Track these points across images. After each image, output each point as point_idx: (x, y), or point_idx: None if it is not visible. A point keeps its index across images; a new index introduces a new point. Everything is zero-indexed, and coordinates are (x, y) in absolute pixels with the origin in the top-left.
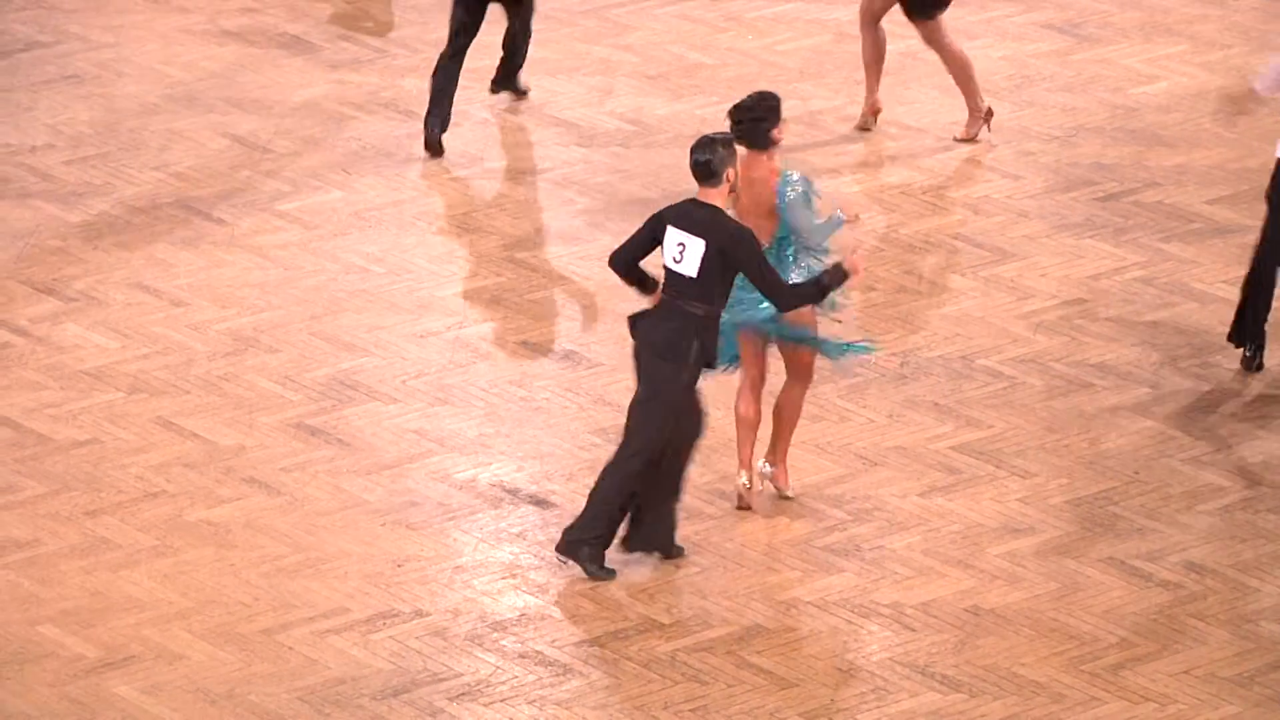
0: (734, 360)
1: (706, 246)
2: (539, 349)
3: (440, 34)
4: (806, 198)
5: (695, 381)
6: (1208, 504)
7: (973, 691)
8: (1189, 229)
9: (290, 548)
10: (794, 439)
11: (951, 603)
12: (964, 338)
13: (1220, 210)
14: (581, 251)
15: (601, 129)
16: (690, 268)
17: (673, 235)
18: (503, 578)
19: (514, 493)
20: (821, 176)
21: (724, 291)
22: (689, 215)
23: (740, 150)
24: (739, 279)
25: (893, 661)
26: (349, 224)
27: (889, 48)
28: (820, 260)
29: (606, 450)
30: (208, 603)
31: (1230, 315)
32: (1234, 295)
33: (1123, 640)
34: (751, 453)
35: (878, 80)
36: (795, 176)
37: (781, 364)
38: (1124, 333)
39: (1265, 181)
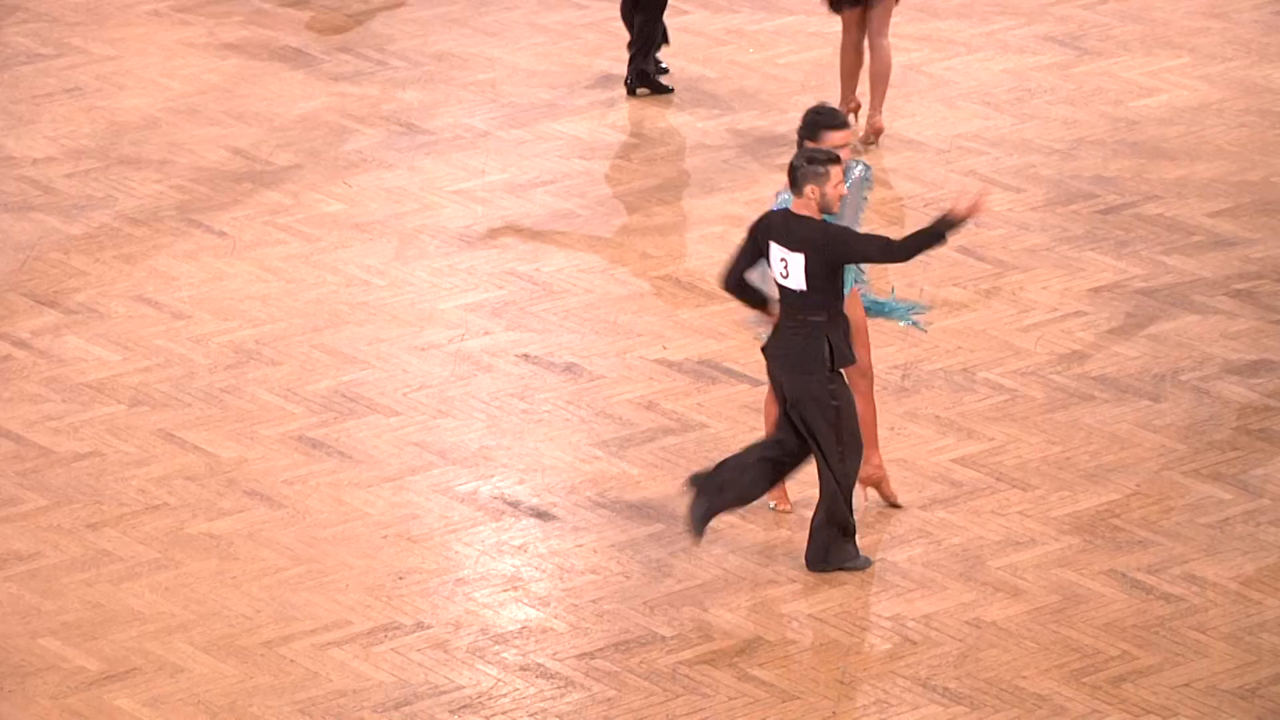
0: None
1: (806, 260)
2: (540, 362)
3: (439, 47)
4: (866, 183)
5: (847, 391)
6: (1209, 516)
7: (974, 704)
8: (1190, 241)
9: (291, 560)
10: None
11: (953, 615)
12: (965, 350)
13: (1221, 223)
14: (583, 264)
15: (603, 141)
16: (797, 282)
17: (775, 251)
18: (504, 590)
19: (515, 505)
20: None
21: (838, 291)
22: (787, 230)
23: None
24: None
25: (894, 674)
26: (350, 236)
27: (893, 61)
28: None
29: (608, 462)
30: (209, 615)
31: (1234, 326)
32: (1236, 308)
33: (1124, 653)
34: None
35: (881, 97)
36: (860, 164)
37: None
38: (1125, 345)
39: (1266, 194)
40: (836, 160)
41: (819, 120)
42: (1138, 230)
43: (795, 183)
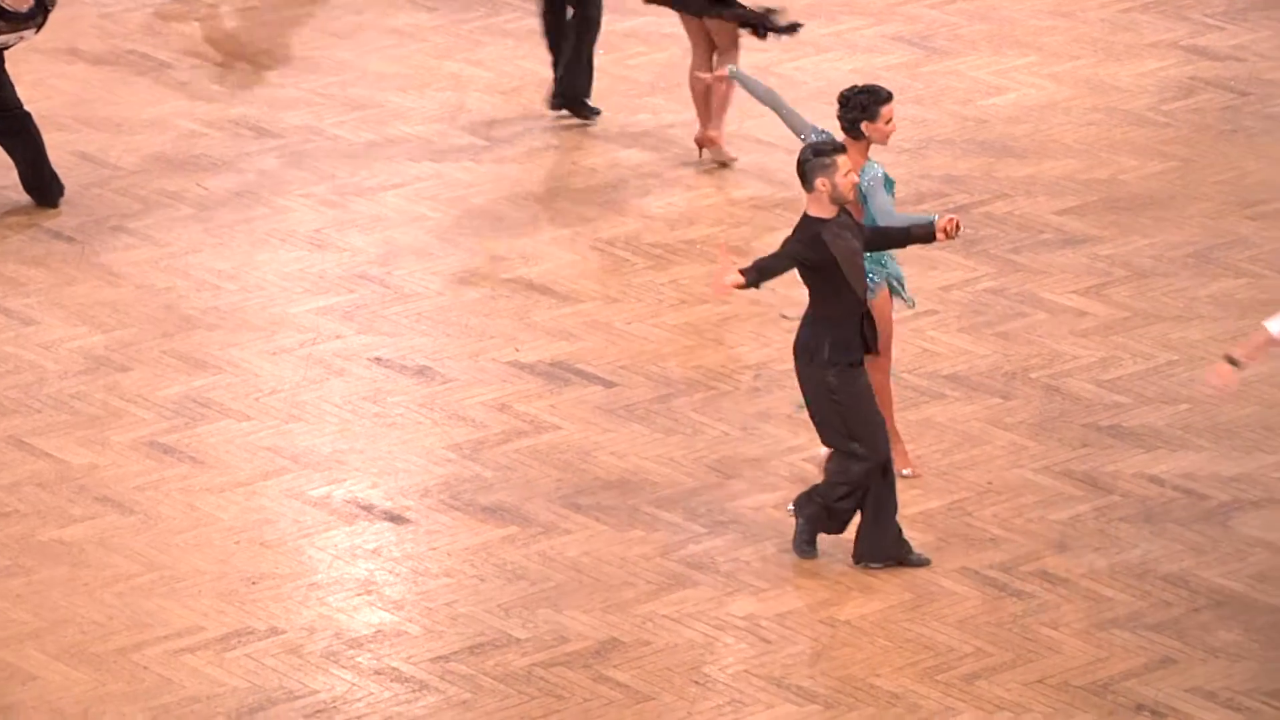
0: None
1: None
2: (392, 365)
3: (288, 50)
4: (887, 181)
5: (851, 384)
6: (1060, 513)
7: (828, 703)
8: (1039, 240)
9: (144, 566)
10: (648, 451)
11: (807, 614)
12: None
13: (1070, 221)
14: (434, 267)
15: (454, 144)
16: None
17: None
18: (358, 594)
19: (368, 509)
20: (672, 188)
21: (830, 291)
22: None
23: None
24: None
25: (749, 674)
26: (200, 241)
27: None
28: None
29: (461, 465)
30: (61, 622)
31: (1082, 324)
32: (1085, 305)
33: (978, 650)
34: None
35: (706, 112)
36: (877, 167)
37: None
38: (975, 344)
39: (1114, 192)
40: (842, 149)
41: (872, 98)
42: (987, 229)
43: (805, 178)
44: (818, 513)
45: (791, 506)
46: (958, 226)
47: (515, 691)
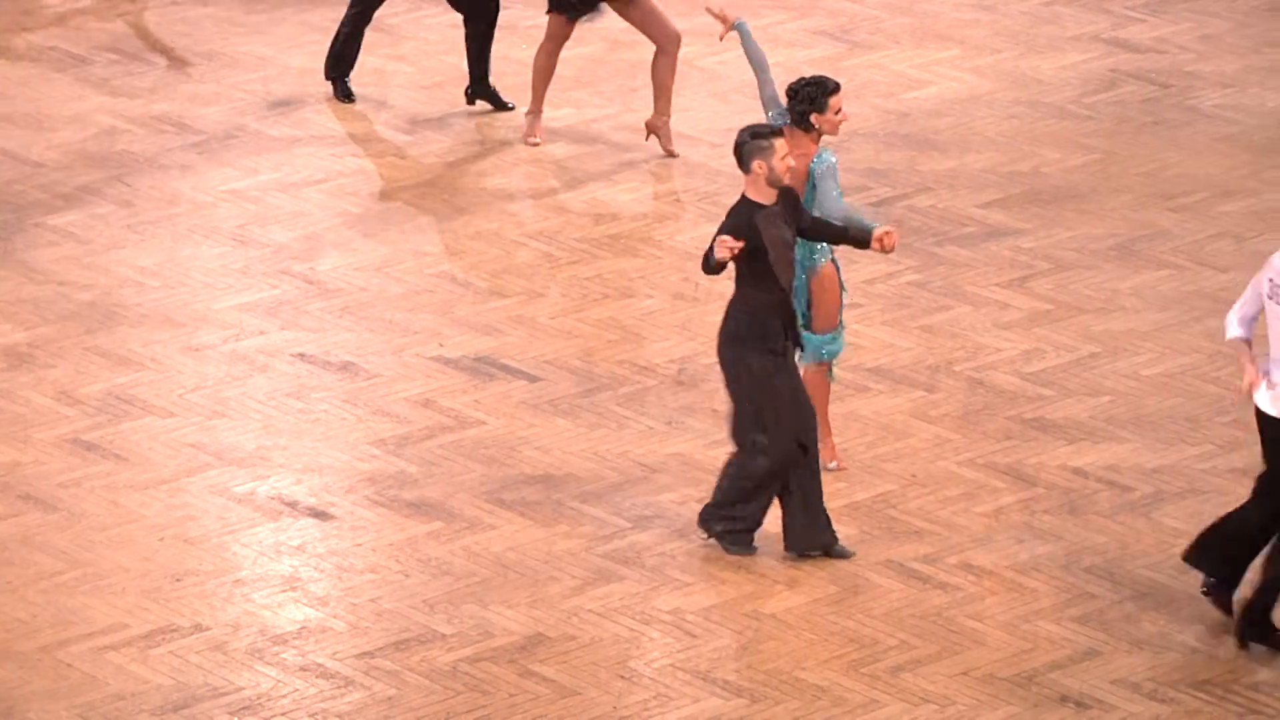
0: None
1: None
2: (316, 361)
3: (209, 45)
4: (834, 171)
5: (777, 369)
6: (984, 505)
7: (754, 697)
8: (962, 232)
9: (67, 564)
10: (573, 445)
11: (732, 608)
12: None
13: (993, 213)
14: (357, 262)
15: (377, 139)
16: None
17: None
18: (283, 590)
19: (293, 505)
20: (595, 183)
21: (756, 276)
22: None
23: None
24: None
25: (674, 668)
26: (123, 237)
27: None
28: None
29: (385, 461)
30: None
31: (1006, 316)
32: (1008, 298)
33: (902, 642)
34: None
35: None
36: (830, 156)
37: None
38: (899, 336)
39: (1036, 184)
40: (779, 133)
41: (819, 89)
42: (910, 222)
43: (742, 161)
44: (729, 527)
45: (700, 529)
46: (894, 242)
47: (440, 687)
